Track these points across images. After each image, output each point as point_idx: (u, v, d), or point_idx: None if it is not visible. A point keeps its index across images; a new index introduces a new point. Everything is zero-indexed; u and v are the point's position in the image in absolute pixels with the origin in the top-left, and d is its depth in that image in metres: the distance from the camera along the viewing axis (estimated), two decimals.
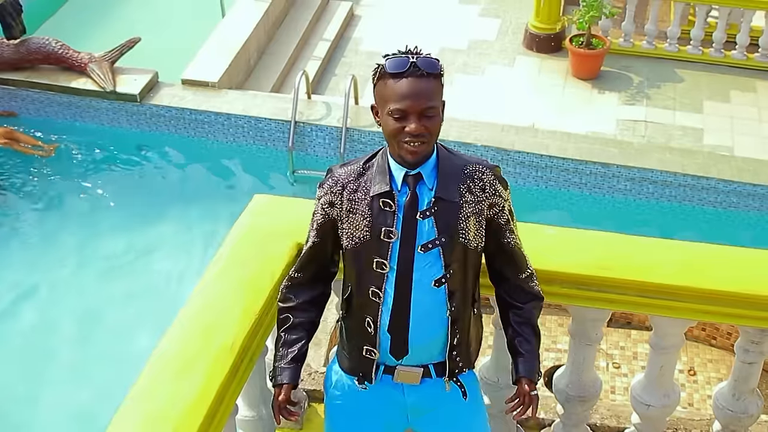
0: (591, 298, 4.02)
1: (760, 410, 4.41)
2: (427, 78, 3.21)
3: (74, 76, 10.62)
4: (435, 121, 3.25)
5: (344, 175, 3.42)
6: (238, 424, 4.23)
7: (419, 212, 3.34)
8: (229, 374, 3.48)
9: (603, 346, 7.12)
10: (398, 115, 3.21)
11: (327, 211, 3.45)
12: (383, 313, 3.44)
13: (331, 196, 3.42)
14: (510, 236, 3.50)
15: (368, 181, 3.38)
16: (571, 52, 11.81)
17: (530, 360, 3.56)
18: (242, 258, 3.94)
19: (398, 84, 3.20)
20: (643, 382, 4.39)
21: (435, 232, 3.35)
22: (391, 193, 3.34)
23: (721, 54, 12.13)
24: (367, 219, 3.36)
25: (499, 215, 3.45)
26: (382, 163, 3.39)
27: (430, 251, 3.36)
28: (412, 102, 3.19)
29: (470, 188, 3.37)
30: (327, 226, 3.48)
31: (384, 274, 3.39)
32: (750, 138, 10.80)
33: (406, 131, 3.22)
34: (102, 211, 9.75)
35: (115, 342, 8.07)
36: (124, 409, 3.31)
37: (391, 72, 3.22)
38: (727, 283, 3.92)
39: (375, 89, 3.31)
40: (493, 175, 3.42)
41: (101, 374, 7.70)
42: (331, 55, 12.34)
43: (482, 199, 3.39)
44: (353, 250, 3.43)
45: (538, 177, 9.94)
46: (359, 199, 3.37)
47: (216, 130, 10.47)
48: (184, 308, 3.71)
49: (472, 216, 3.37)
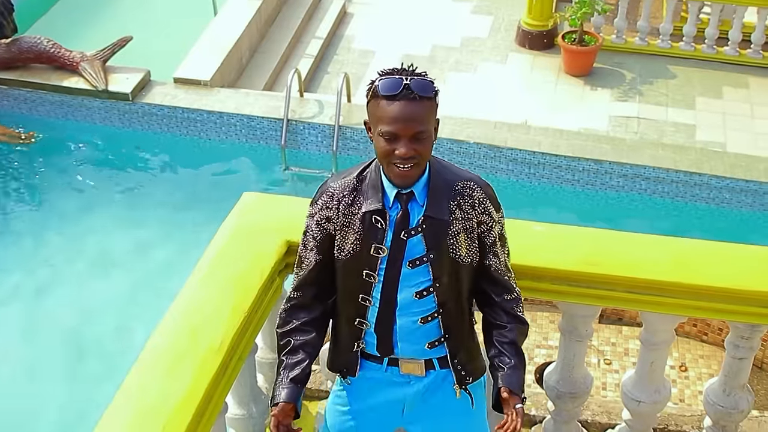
0: (581, 294, 4.01)
1: (750, 406, 4.41)
2: (420, 101, 3.18)
3: (66, 75, 10.60)
4: (426, 144, 3.23)
5: (339, 189, 3.41)
6: (228, 422, 4.23)
7: (407, 230, 3.34)
8: (218, 372, 3.47)
9: (594, 343, 7.12)
10: (389, 137, 3.20)
11: (324, 226, 3.44)
12: (370, 314, 3.48)
13: (328, 211, 3.42)
14: (492, 259, 3.46)
15: (362, 195, 3.37)
16: (564, 49, 11.81)
17: (511, 374, 3.43)
18: (231, 256, 3.93)
19: (390, 107, 3.18)
20: (634, 378, 4.39)
21: (423, 248, 3.35)
22: (383, 211, 3.34)
23: (714, 50, 12.13)
24: (358, 234, 3.37)
25: (486, 234, 3.43)
26: (375, 177, 3.38)
27: (418, 267, 3.37)
28: (404, 126, 3.17)
29: (460, 205, 3.36)
30: (326, 243, 3.46)
31: (372, 284, 3.42)
32: (742, 134, 10.81)
33: (396, 154, 3.21)
34: (94, 209, 9.75)
35: (105, 339, 8.07)
36: (114, 407, 3.30)
37: (383, 94, 3.19)
38: (718, 279, 3.92)
39: (368, 106, 3.29)
40: (484, 194, 3.41)
41: (91, 371, 7.70)
42: (324, 53, 12.33)
43: (471, 216, 3.38)
44: (343, 262, 3.44)
45: (531, 174, 9.93)
46: (353, 213, 3.38)
47: (208, 128, 10.46)
48: (172, 306, 3.70)
49: (463, 232, 3.37)
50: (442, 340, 3.49)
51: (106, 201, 9.88)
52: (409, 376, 3.57)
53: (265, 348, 4.43)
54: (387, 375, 3.58)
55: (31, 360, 7.98)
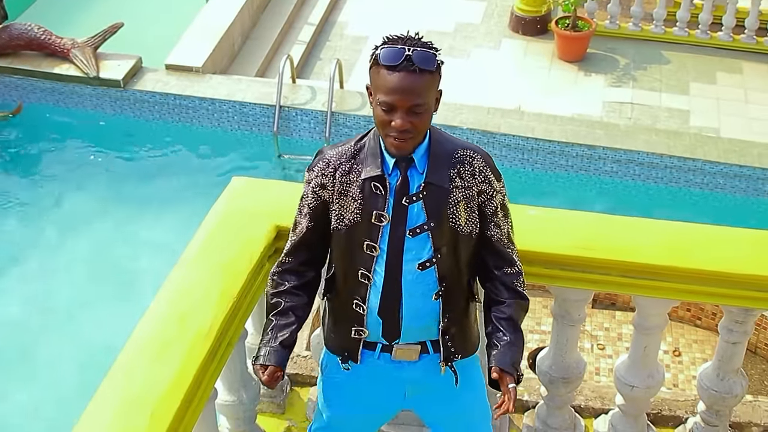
0: (573, 278, 3.98)
1: (744, 390, 4.39)
2: (420, 74, 3.13)
3: (57, 62, 10.55)
4: (423, 117, 3.19)
5: (336, 156, 3.36)
6: (218, 409, 4.20)
7: (408, 196, 3.29)
8: (207, 358, 3.44)
9: (588, 328, 7.10)
10: (386, 108, 3.16)
11: (319, 193, 3.39)
12: (372, 294, 3.40)
13: (323, 178, 3.36)
14: (494, 230, 3.41)
15: (360, 163, 3.33)
16: (557, 35, 11.77)
17: (504, 352, 3.38)
18: (220, 241, 3.90)
19: (389, 77, 3.13)
20: (627, 363, 4.37)
21: (424, 216, 3.30)
22: (382, 177, 3.29)
23: (708, 35, 12.10)
24: (358, 201, 3.31)
25: (486, 203, 3.38)
26: (374, 145, 3.33)
27: (419, 235, 3.32)
28: (401, 97, 3.13)
29: (460, 173, 3.32)
30: (319, 209, 3.41)
31: (374, 257, 3.35)
32: (736, 119, 10.78)
33: (392, 125, 3.16)
34: (85, 196, 9.71)
35: (92, 325, 8.04)
36: (100, 394, 3.26)
37: (383, 63, 3.15)
38: (711, 263, 3.89)
39: (370, 72, 3.26)
40: (484, 162, 3.36)
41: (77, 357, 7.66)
42: (316, 39, 12.27)
43: (472, 184, 3.33)
44: (342, 232, 3.38)
45: (524, 159, 9.91)
46: (351, 181, 3.32)
47: (200, 115, 10.42)
48: (160, 292, 3.67)
49: (462, 201, 3.32)
50: (441, 318, 3.42)
51: (97, 188, 9.83)
52: (401, 362, 3.52)
53: (255, 334, 4.39)
54: (379, 362, 3.53)
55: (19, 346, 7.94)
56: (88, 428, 3.16)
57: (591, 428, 4.76)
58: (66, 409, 5.83)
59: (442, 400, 3.63)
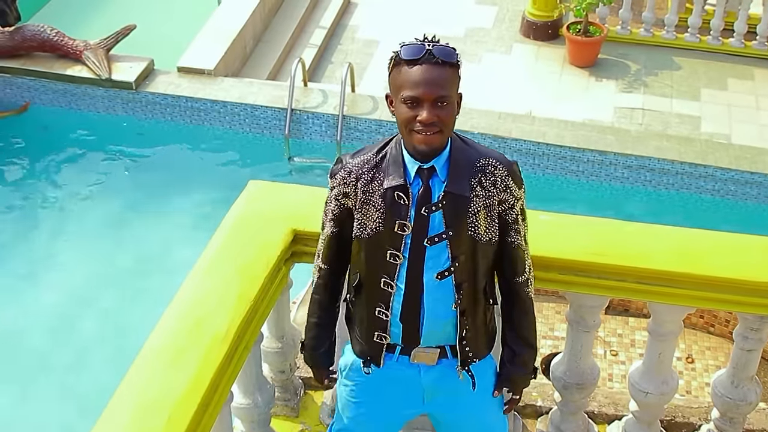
0: (589, 284, 3.99)
1: (758, 398, 4.39)
2: (442, 66, 3.16)
3: (69, 63, 10.57)
4: (448, 111, 3.19)
5: (358, 165, 3.37)
6: (233, 412, 4.21)
7: (428, 206, 3.30)
8: (224, 362, 3.45)
9: (601, 334, 7.09)
10: (411, 103, 3.16)
11: (342, 201, 3.41)
12: (395, 301, 3.42)
13: (345, 187, 3.38)
14: (514, 236, 3.44)
15: (382, 172, 3.33)
16: (569, 40, 11.76)
17: (512, 368, 3.68)
18: (237, 244, 3.91)
19: (412, 71, 3.15)
20: (642, 369, 4.37)
21: (443, 225, 3.31)
22: (405, 186, 3.30)
23: (719, 42, 12.08)
24: (381, 211, 3.33)
25: (508, 213, 3.39)
26: (396, 153, 3.34)
27: (437, 244, 3.33)
28: (426, 89, 3.14)
29: (481, 182, 3.32)
30: (344, 215, 3.44)
31: (397, 265, 3.37)
32: (747, 126, 10.77)
33: (418, 120, 3.17)
34: (97, 198, 9.74)
35: (108, 329, 8.05)
36: (117, 398, 3.27)
37: (405, 58, 3.17)
38: (726, 270, 3.89)
39: (390, 77, 3.26)
40: (506, 171, 3.35)
41: (94, 361, 7.68)
42: (328, 42, 12.28)
43: (493, 193, 3.33)
44: (365, 241, 3.40)
45: (535, 165, 9.91)
46: (373, 190, 3.33)
47: (212, 117, 10.43)
48: (177, 296, 3.68)
49: (483, 210, 3.33)
50: (458, 324, 3.45)
51: (109, 190, 9.85)
52: (419, 365, 3.53)
53: (270, 337, 4.40)
54: (397, 365, 3.54)
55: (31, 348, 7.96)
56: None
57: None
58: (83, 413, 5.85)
59: (460, 405, 3.64)
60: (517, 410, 4.77)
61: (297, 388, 4.77)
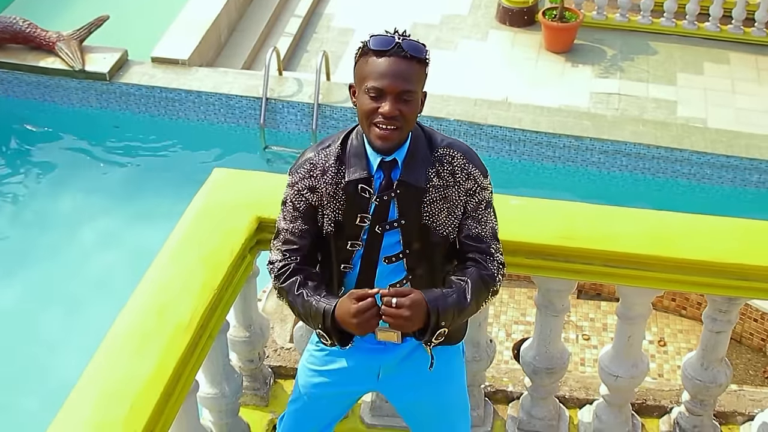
0: (556, 268, 3.96)
1: (728, 379, 4.38)
2: (409, 60, 3.10)
3: (42, 55, 10.51)
4: (411, 106, 3.13)
5: (323, 159, 3.31)
6: (200, 402, 4.18)
7: (379, 194, 3.25)
8: (187, 350, 3.41)
9: (573, 318, 7.09)
10: (374, 94, 3.10)
11: (306, 196, 3.32)
12: (347, 282, 3.40)
13: (312, 180, 3.31)
14: (472, 224, 3.33)
15: (344, 164, 3.28)
16: (544, 26, 11.74)
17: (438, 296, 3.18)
18: (201, 232, 3.87)
19: (379, 62, 3.10)
20: (611, 353, 4.36)
21: (396, 213, 3.27)
22: (368, 179, 3.25)
23: (695, 26, 12.09)
24: (342, 203, 3.28)
25: (469, 200, 3.32)
26: (358, 145, 3.28)
27: (389, 231, 3.30)
28: (391, 81, 3.08)
29: (439, 173, 3.27)
30: (310, 211, 3.35)
31: (354, 251, 3.34)
32: (723, 109, 10.78)
33: (379, 111, 3.10)
34: (71, 189, 9.68)
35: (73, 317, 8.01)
36: (79, 387, 3.24)
37: (374, 49, 3.11)
38: (695, 252, 3.88)
39: (356, 67, 3.20)
40: (466, 159, 3.30)
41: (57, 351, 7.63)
42: (303, 31, 12.23)
43: (452, 183, 3.28)
44: (328, 232, 3.35)
45: (511, 151, 9.90)
46: (338, 183, 3.28)
47: (187, 108, 10.38)
48: (140, 284, 3.64)
49: (440, 201, 3.28)
50: None
51: (83, 181, 9.80)
52: (385, 343, 3.49)
53: (237, 326, 4.37)
54: (362, 341, 3.50)
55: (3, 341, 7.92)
56: (67, 422, 3.14)
57: (575, 418, 4.75)
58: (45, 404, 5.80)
59: (414, 386, 3.59)
60: (488, 396, 4.76)
61: (266, 377, 4.75)
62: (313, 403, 3.77)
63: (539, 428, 4.62)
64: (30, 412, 7.07)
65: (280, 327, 5.60)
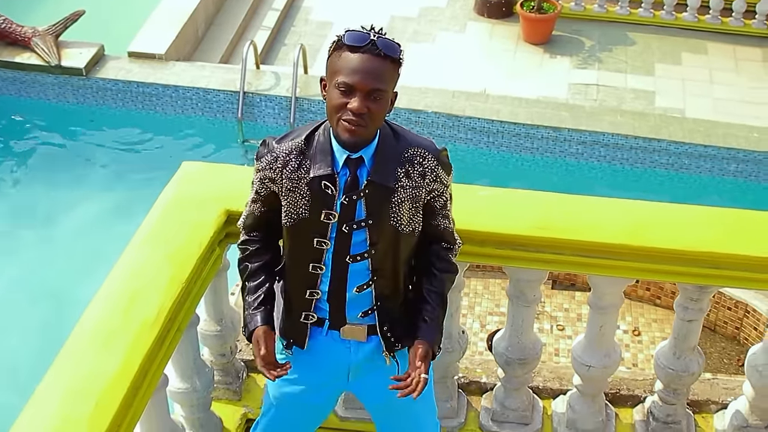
0: (527, 258, 3.95)
1: (701, 368, 4.38)
2: (383, 59, 3.09)
3: (18, 50, 10.43)
4: (380, 105, 3.12)
5: (285, 152, 3.29)
6: (171, 396, 4.16)
7: (348, 194, 3.24)
8: (155, 345, 3.39)
9: (547, 309, 7.09)
10: (344, 89, 3.08)
11: (267, 185, 3.34)
12: (322, 282, 3.39)
13: (271, 172, 3.30)
14: (442, 221, 3.41)
15: (309, 159, 3.26)
16: (522, 17, 11.74)
17: (434, 328, 3.43)
18: (169, 226, 3.85)
19: (352, 57, 3.08)
20: (584, 342, 4.36)
21: (364, 213, 3.26)
22: (332, 176, 3.23)
23: (672, 16, 12.11)
24: (307, 199, 3.26)
25: (436, 199, 3.35)
26: (324, 141, 3.26)
27: (357, 231, 3.29)
28: (362, 78, 3.07)
29: (408, 173, 3.26)
30: (270, 198, 3.37)
31: (324, 251, 3.33)
32: (702, 99, 10.80)
33: (348, 107, 3.08)
34: (48, 185, 9.63)
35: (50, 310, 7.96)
36: (45, 384, 3.22)
37: (348, 44, 3.10)
38: (665, 241, 3.87)
39: (328, 60, 3.18)
40: (436, 160, 3.30)
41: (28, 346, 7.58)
42: (281, 24, 12.19)
43: (421, 185, 3.28)
44: (291, 227, 3.34)
45: (490, 142, 9.88)
46: (300, 177, 3.25)
47: (164, 102, 10.34)
48: (108, 278, 3.62)
49: (408, 201, 3.28)
50: (375, 308, 3.42)
51: (60, 176, 9.74)
52: (350, 342, 3.49)
53: (208, 320, 4.35)
54: (327, 339, 3.50)
55: None
56: (33, 419, 3.12)
57: (549, 409, 4.75)
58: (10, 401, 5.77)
59: (384, 386, 3.59)
60: (461, 387, 4.75)
61: (239, 371, 4.72)
62: (287, 410, 3.76)
63: (513, 419, 4.62)
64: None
65: None
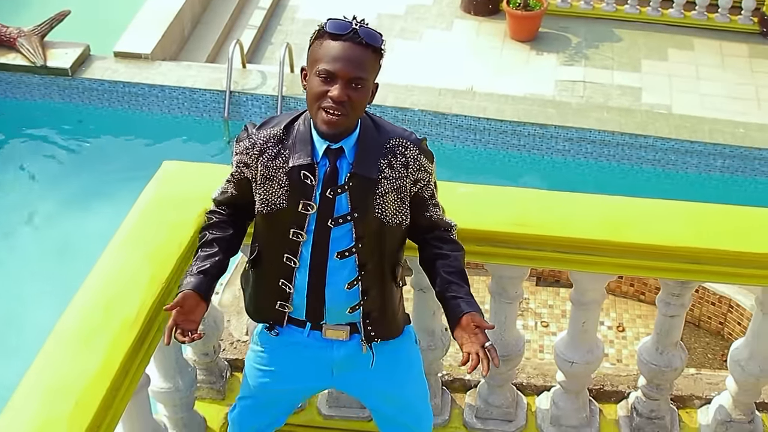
0: (508, 255, 3.95)
1: (684, 363, 4.38)
2: (365, 48, 3.08)
3: (3, 51, 10.45)
4: (361, 94, 3.11)
5: (263, 139, 3.27)
6: (154, 396, 4.15)
7: (334, 188, 3.22)
8: (135, 345, 3.37)
9: (532, 305, 7.10)
10: (325, 76, 3.06)
11: (242, 170, 3.33)
12: (298, 278, 3.35)
13: (247, 158, 3.29)
14: (434, 210, 3.41)
15: (288, 149, 3.24)
16: (509, 14, 11.75)
17: (470, 300, 3.34)
18: (149, 226, 3.83)
19: (333, 45, 3.06)
20: (566, 339, 4.36)
21: (348, 206, 3.24)
22: (312, 166, 3.21)
23: (659, 12, 12.14)
24: (285, 188, 3.24)
25: (424, 190, 3.35)
26: (304, 131, 3.24)
27: (341, 225, 3.27)
28: (343, 66, 3.05)
29: (391, 163, 3.25)
30: (243, 183, 3.36)
31: (299, 243, 3.29)
32: (688, 95, 10.82)
33: (328, 95, 3.06)
34: (35, 185, 9.63)
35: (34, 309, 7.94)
36: (25, 383, 3.20)
37: (330, 32, 3.08)
38: (646, 236, 3.87)
39: (310, 49, 3.17)
40: (418, 149, 3.28)
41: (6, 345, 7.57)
42: (267, 23, 12.19)
43: (405, 175, 3.27)
44: (267, 216, 3.31)
45: (477, 140, 9.89)
46: (278, 166, 3.23)
47: (150, 102, 10.34)
48: (88, 278, 3.61)
49: (392, 192, 3.26)
50: (360, 304, 3.40)
51: (47, 177, 9.74)
52: (332, 341, 3.48)
53: None
54: (309, 340, 3.49)
55: None
56: (12, 419, 3.10)
57: (533, 405, 4.74)
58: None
59: (370, 380, 3.59)
60: (445, 385, 4.75)
61: (222, 371, 4.71)
62: (265, 397, 3.75)
63: (497, 416, 4.61)
64: None
65: (236, 320, 5.56)
